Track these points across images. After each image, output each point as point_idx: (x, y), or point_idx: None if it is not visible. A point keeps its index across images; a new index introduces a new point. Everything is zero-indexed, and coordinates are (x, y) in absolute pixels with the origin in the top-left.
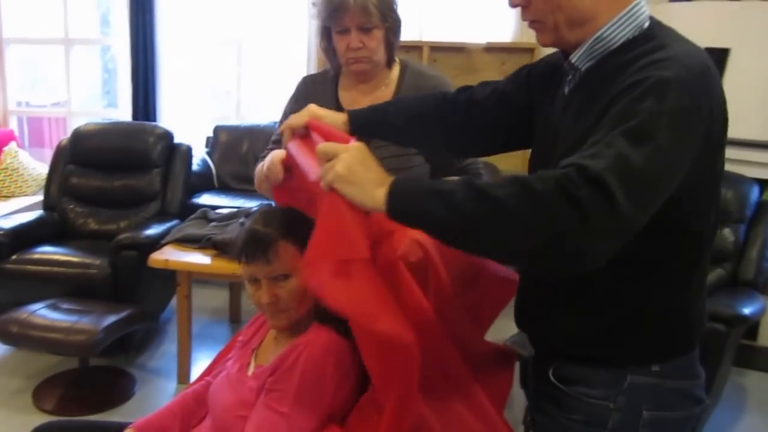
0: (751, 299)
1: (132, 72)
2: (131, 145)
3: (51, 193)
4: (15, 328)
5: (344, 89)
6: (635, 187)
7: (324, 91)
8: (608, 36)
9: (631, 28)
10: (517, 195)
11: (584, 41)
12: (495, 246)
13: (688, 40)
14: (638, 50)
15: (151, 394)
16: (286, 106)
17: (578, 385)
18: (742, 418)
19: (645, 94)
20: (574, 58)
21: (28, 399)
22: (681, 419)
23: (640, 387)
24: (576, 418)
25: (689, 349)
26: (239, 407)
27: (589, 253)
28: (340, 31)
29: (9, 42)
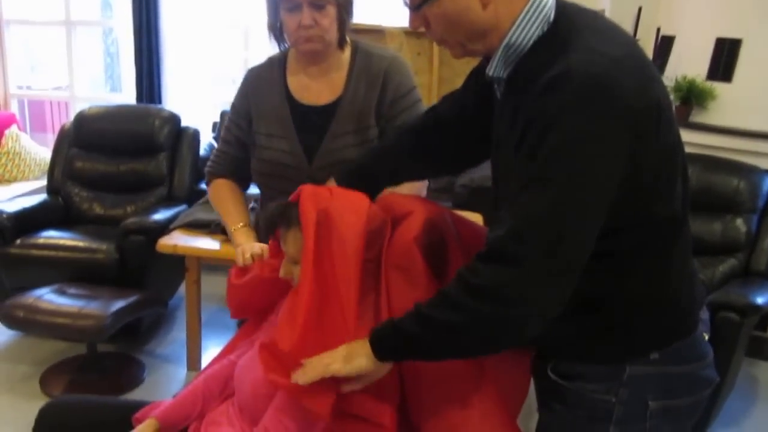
0: (763, 289)
1: (135, 55)
2: (137, 129)
3: (55, 177)
4: (21, 313)
5: (293, 74)
6: (541, 238)
7: (271, 80)
8: (516, 41)
9: (537, 26)
10: (456, 318)
11: (495, 50)
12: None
13: (594, 30)
14: (543, 55)
15: (160, 380)
16: (234, 100)
17: (579, 380)
18: (754, 407)
19: (540, 137)
20: (490, 71)
21: (35, 385)
22: (691, 404)
23: (641, 377)
24: (580, 413)
25: (688, 332)
26: (266, 386)
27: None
28: (291, 8)
29: (9, 23)
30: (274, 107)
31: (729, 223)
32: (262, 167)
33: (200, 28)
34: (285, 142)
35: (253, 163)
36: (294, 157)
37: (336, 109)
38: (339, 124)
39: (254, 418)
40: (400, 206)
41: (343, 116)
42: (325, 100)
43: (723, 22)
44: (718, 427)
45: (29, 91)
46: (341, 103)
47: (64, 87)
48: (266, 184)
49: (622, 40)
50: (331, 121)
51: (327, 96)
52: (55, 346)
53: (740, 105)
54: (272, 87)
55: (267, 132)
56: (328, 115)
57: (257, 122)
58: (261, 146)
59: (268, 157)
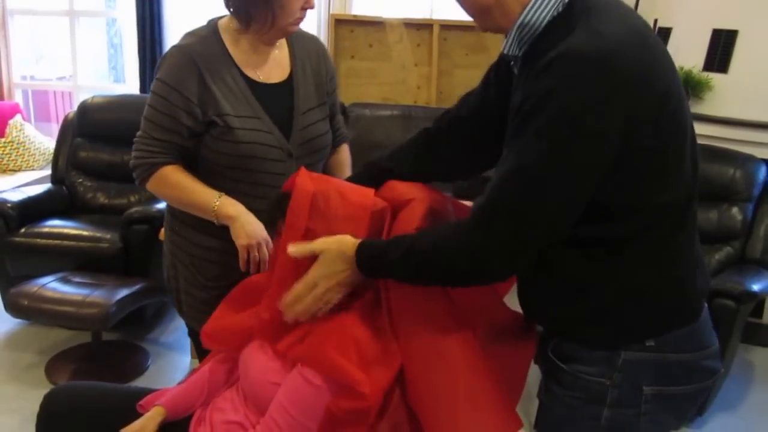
0: (758, 276)
1: (139, 46)
2: (140, 119)
3: (59, 166)
4: (26, 302)
5: (241, 56)
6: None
7: (217, 59)
8: (530, 21)
9: (551, 7)
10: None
11: (509, 29)
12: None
13: (605, 13)
14: (554, 36)
15: (164, 368)
16: (172, 83)
17: (575, 363)
18: (749, 392)
19: (529, 113)
20: (505, 49)
21: (40, 373)
22: (691, 392)
23: (636, 362)
24: (576, 395)
25: (688, 321)
26: (272, 373)
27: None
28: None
29: (13, 13)
30: (233, 87)
31: (725, 211)
32: (238, 150)
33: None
34: (259, 122)
35: (217, 149)
36: (273, 136)
37: (292, 86)
38: (302, 101)
39: (258, 405)
40: (400, 193)
41: (303, 93)
42: (277, 78)
43: (719, 13)
44: (715, 410)
45: (33, 81)
46: (295, 81)
47: (67, 77)
48: (241, 169)
49: (632, 24)
50: (292, 98)
51: (278, 74)
52: (59, 334)
53: (736, 95)
54: (221, 66)
55: (236, 113)
56: (286, 92)
57: (221, 104)
58: (234, 128)
59: (247, 138)
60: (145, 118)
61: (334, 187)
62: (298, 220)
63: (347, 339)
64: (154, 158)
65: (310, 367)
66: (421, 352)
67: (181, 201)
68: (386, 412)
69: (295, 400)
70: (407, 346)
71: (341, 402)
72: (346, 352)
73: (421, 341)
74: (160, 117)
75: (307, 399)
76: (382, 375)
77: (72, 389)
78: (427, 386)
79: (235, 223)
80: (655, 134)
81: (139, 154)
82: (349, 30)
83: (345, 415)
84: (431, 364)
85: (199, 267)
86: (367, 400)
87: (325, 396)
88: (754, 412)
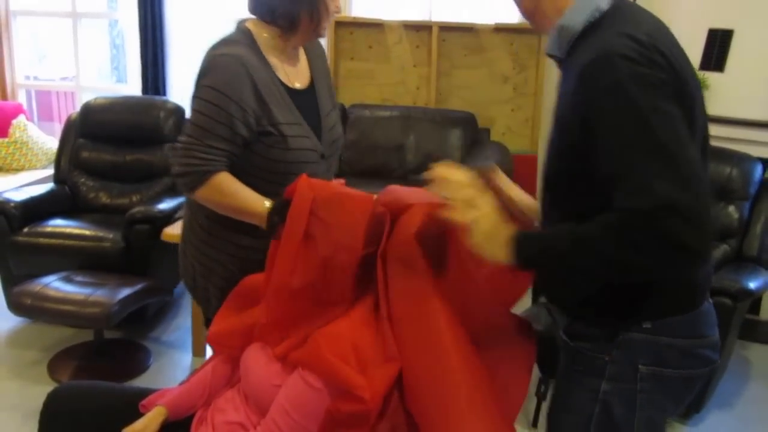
0: (755, 274)
1: (141, 47)
2: (142, 120)
3: (61, 166)
4: (29, 300)
5: (277, 64)
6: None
7: (260, 67)
8: (567, 24)
9: (587, 12)
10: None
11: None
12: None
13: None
14: (588, 40)
15: (166, 366)
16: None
17: (581, 340)
18: (746, 388)
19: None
20: (547, 49)
21: (43, 371)
22: (686, 377)
23: (633, 342)
24: (578, 368)
25: (685, 310)
26: (273, 375)
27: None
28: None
29: (16, 14)
30: (278, 95)
31: (722, 210)
32: (288, 157)
33: (204, 20)
34: (301, 128)
35: (269, 156)
36: (311, 140)
37: (314, 91)
38: (324, 104)
39: (259, 406)
40: (399, 199)
41: (323, 97)
42: (303, 84)
43: (715, 13)
44: (712, 407)
45: (36, 81)
46: (316, 86)
47: (70, 78)
48: (287, 173)
49: (662, 25)
50: (317, 103)
51: (303, 79)
52: (62, 332)
53: (732, 94)
54: (266, 75)
55: (286, 121)
56: (311, 97)
57: (274, 113)
58: (287, 136)
59: (295, 144)
60: (195, 125)
61: (334, 193)
62: (298, 225)
63: (347, 343)
64: (208, 166)
65: (310, 371)
66: (419, 357)
67: (231, 207)
68: (385, 414)
69: (295, 402)
70: (406, 351)
71: (341, 405)
72: (346, 356)
73: (420, 346)
74: (216, 125)
75: (308, 401)
76: (382, 379)
77: (74, 389)
78: (424, 391)
79: None
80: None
81: (192, 161)
82: (349, 32)
83: (345, 418)
84: (429, 370)
85: (242, 266)
86: (366, 404)
87: (326, 399)
88: (750, 409)
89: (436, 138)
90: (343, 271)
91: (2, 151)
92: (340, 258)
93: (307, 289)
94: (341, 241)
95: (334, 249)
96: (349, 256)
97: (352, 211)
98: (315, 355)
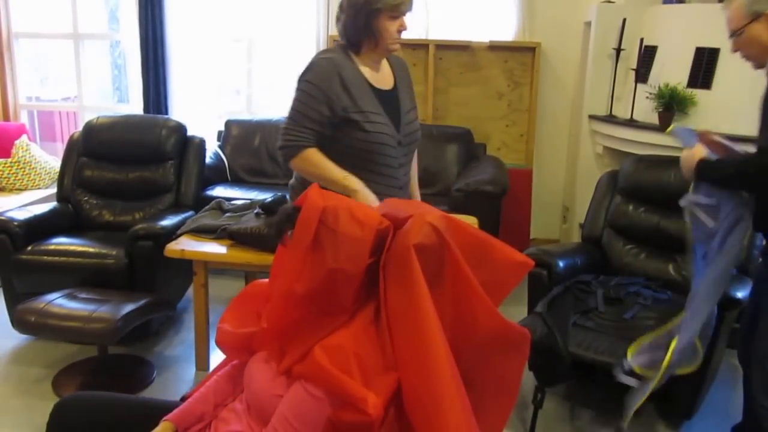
0: (742, 284)
1: (142, 67)
2: (144, 138)
3: (64, 185)
4: (33, 318)
5: (365, 70)
6: None
7: (351, 68)
8: None
9: None
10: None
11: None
12: None
13: None
14: None
15: (170, 381)
16: (318, 83)
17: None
18: (735, 395)
19: None
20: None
21: (47, 387)
22: None
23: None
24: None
25: None
26: (276, 386)
27: None
28: (397, 16)
29: (18, 36)
30: (363, 90)
31: None
32: (369, 138)
33: (205, 40)
34: (381, 117)
35: (355, 137)
36: (390, 128)
37: (397, 92)
38: (405, 103)
39: (262, 415)
40: (399, 211)
41: (404, 97)
42: (388, 86)
43: (702, 32)
44: (703, 414)
45: (38, 102)
46: (398, 88)
47: (72, 98)
48: (370, 152)
49: None
50: (398, 101)
51: (387, 83)
52: (66, 349)
53: (719, 111)
54: (354, 74)
55: (368, 110)
56: (394, 96)
57: (359, 102)
58: (368, 122)
59: (375, 129)
60: (294, 109)
61: (343, 204)
62: (307, 231)
63: (349, 354)
64: (300, 142)
65: (314, 385)
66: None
67: (318, 175)
68: (386, 420)
69: (297, 411)
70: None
71: (343, 415)
72: (348, 368)
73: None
74: (309, 110)
75: (309, 410)
76: (385, 388)
77: (80, 400)
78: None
79: (357, 194)
80: None
81: (290, 137)
82: None
83: (347, 428)
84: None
85: None
86: (370, 416)
87: (327, 407)
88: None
89: (434, 153)
90: (348, 282)
91: (5, 172)
92: (346, 268)
93: (310, 297)
94: (349, 252)
95: (341, 259)
96: (355, 267)
97: (361, 223)
98: (318, 369)
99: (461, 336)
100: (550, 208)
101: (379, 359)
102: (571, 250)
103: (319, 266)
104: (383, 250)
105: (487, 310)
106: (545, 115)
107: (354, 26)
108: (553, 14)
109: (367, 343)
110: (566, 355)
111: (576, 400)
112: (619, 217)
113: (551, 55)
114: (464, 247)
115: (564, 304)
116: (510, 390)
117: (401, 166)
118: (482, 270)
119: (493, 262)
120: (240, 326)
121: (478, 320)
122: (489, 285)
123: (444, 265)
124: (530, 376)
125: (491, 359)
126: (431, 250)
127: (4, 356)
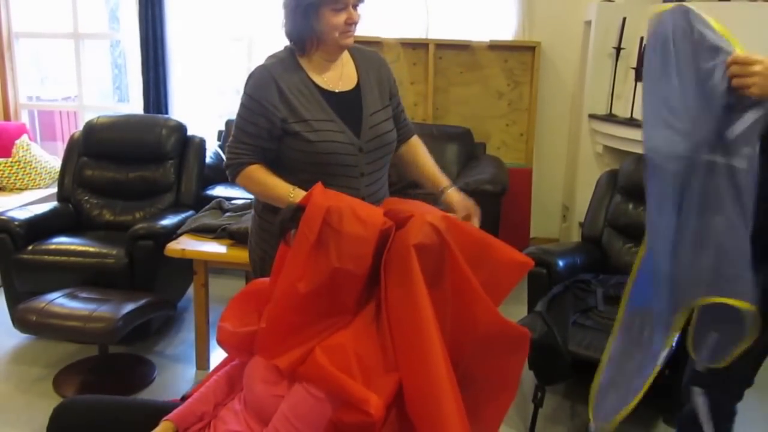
0: None
1: (142, 67)
2: (144, 138)
3: (65, 185)
4: (34, 317)
5: (311, 69)
6: None
7: (293, 74)
8: None
9: None
10: None
11: None
12: None
13: None
14: None
15: (170, 380)
16: (255, 95)
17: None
18: None
19: None
20: None
21: (48, 386)
22: None
23: None
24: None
25: None
26: (276, 386)
27: None
28: (339, 8)
29: (19, 36)
30: (309, 96)
31: None
32: (315, 148)
33: (205, 40)
34: (332, 124)
35: (299, 149)
36: (345, 135)
37: (360, 92)
38: (369, 104)
39: (262, 416)
40: (400, 211)
41: (369, 98)
42: (347, 87)
43: None
44: None
45: (39, 102)
46: (362, 88)
47: (73, 97)
48: (319, 163)
49: None
50: (361, 103)
51: (347, 83)
52: (67, 348)
53: None
54: (298, 80)
55: (313, 117)
56: (355, 98)
57: (300, 111)
58: (311, 131)
59: (321, 138)
60: (235, 126)
61: (347, 204)
62: (310, 231)
63: (350, 355)
64: (241, 159)
65: (315, 386)
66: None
67: (262, 194)
68: (387, 420)
69: (298, 411)
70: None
71: (345, 416)
72: (350, 369)
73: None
74: (247, 125)
75: (311, 411)
76: (386, 388)
77: (80, 403)
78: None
79: None
80: None
81: (230, 155)
82: None
83: (349, 428)
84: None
85: None
86: (372, 417)
87: (328, 408)
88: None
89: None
90: (352, 282)
91: (6, 171)
92: (349, 268)
93: (312, 296)
94: (353, 252)
95: (345, 259)
96: (359, 267)
97: (364, 222)
98: (319, 369)
99: (461, 335)
100: (550, 208)
101: (380, 359)
102: (570, 249)
103: (323, 266)
104: (385, 247)
105: (487, 309)
106: (545, 115)
107: (294, 25)
108: (553, 13)
109: (368, 343)
110: (566, 354)
111: (576, 399)
112: (619, 216)
113: (551, 55)
114: (464, 247)
115: (564, 303)
116: (509, 388)
117: (365, 175)
118: (482, 270)
119: (493, 262)
120: (240, 325)
121: (478, 320)
122: (489, 285)
123: (444, 265)
124: (530, 375)
125: (491, 358)
126: (431, 250)
127: (4, 355)
